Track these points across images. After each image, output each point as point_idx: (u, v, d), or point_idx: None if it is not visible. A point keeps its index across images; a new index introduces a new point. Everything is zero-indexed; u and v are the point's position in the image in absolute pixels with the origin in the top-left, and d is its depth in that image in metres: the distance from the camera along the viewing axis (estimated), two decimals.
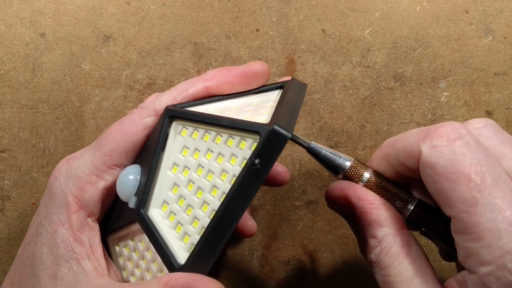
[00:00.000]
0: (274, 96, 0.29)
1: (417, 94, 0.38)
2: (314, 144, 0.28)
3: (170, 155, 0.27)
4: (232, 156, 0.24)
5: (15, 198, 0.39)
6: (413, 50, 0.37)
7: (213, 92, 0.29)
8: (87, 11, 0.38)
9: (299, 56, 0.38)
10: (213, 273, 0.40)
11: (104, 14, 0.38)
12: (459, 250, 0.22)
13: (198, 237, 0.24)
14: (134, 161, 0.29)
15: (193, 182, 0.25)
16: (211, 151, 0.25)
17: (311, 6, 0.38)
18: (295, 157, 0.39)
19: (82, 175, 0.28)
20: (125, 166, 0.28)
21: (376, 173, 0.27)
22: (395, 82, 0.38)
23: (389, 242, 0.25)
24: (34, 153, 0.38)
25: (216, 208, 0.23)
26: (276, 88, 0.30)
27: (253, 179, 0.22)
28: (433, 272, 0.25)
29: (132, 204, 0.27)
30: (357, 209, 0.26)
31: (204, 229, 0.23)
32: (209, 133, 0.25)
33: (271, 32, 0.38)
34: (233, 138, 0.24)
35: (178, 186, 0.26)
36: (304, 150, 0.39)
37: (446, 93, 0.37)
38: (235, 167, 0.24)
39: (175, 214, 0.26)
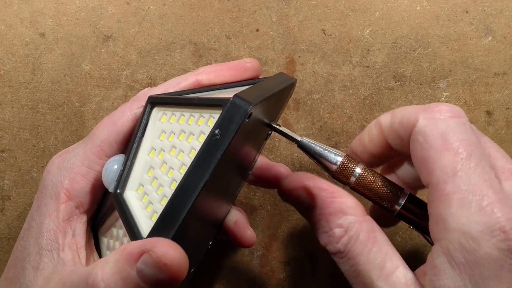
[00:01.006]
0: None
1: (417, 94, 0.38)
2: (305, 139, 0.28)
3: (149, 141, 0.27)
4: (201, 134, 0.25)
5: (15, 198, 0.39)
6: (413, 50, 0.37)
7: (205, 85, 0.29)
8: (87, 11, 0.38)
9: (299, 56, 0.38)
10: (213, 273, 0.40)
11: (104, 14, 0.38)
12: (431, 219, 0.23)
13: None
14: (122, 152, 0.29)
15: (166, 163, 0.26)
16: (184, 132, 0.26)
17: (311, 6, 0.38)
18: (295, 157, 0.39)
19: (73, 166, 0.28)
20: (112, 155, 0.28)
21: (367, 168, 0.27)
22: (395, 82, 0.38)
23: (356, 230, 0.25)
24: (34, 153, 0.38)
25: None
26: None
27: (212, 150, 0.23)
28: (399, 256, 0.25)
29: (111, 188, 0.27)
30: (319, 199, 0.26)
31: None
32: (184, 115, 0.26)
33: (271, 32, 0.38)
34: (203, 117, 0.25)
35: (153, 168, 0.26)
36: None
37: (446, 93, 0.37)
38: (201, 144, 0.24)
39: (147, 195, 0.26)
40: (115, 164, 0.27)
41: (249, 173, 0.34)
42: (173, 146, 0.26)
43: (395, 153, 0.28)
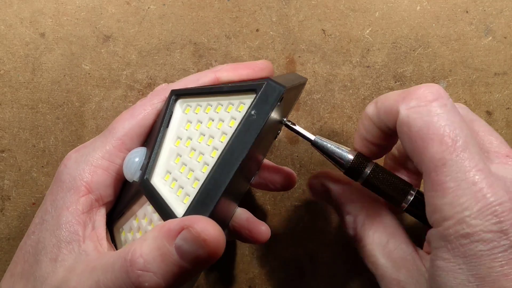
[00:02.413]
0: None
1: None
2: (318, 138, 0.29)
3: (174, 131, 0.28)
4: (231, 119, 0.25)
5: (15, 198, 0.39)
6: (413, 50, 0.37)
7: (223, 82, 0.30)
8: (87, 11, 0.38)
9: (299, 56, 0.38)
10: (213, 273, 0.40)
11: (104, 14, 0.38)
12: (427, 207, 0.24)
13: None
14: (143, 145, 0.29)
15: (195, 149, 0.26)
16: (212, 120, 0.26)
17: (311, 6, 0.38)
18: (295, 157, 0.39)
19: (93, 160, 0.28)
20: (133, 147, 0.28)
21: (378, 165, 0.28)
22: (395, 82, 0.38)
23: (361, 216, 0.28)
24: (34, 153, 0.38)
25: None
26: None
27: (249, 129, 0.24)
28: (407, 236, 0.27)
29: (136, 177, 0.27)
30: (332, 191, 0.29)
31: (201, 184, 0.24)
32: (211, 105, 0.27)
33: (271, 32, 0.38)
34: (232, 104, 0.26)
35: (180, 156, 0.27)
36: (304, 150, 0.39)
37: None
38: (233, 128, 0.25)
39: (176, 180, 0.26)
40: (136, 156, 0.27)
41: (256, 175, 0.34)
42: (201, 133, 0.27)
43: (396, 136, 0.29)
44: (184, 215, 0.23)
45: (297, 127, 0.29)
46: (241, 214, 0.33)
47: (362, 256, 0.28)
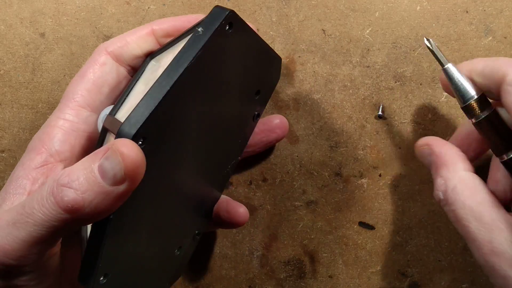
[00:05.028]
0: None
1: (417, 94, 0.38)
2: (451, 65, 0.30)
3: (143, 81, 0.30)
4: None
5: None
6: (413, 50, 0.37)
7: (159, 33, 0.31)
8: (87, 11, 0.38)
9: (299, 56, 0.38)
10: (213, 273, 0.40)
11: (104, 14, 0.38)
12: None
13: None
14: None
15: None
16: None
17: (311, 6, 0.38)
18: (295, 157, 0.39)
19: (50, 121, 0.30)
20: (90, 105, 0.30)
21: (496, 113, 0.29)
22: (395, 82, 0.38)
23: (454, 181, 0.29)
24: None
25: None
26: None
27: (195, 43, 0.26)
28: (497, 200, 0.28)
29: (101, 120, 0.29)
30: (434, 155, 0.31)
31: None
32: (174, 52, 0.28)
33: (271, 32, 0.38)
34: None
35: (143, 93, 0.28)
36: (304, 150, 0.39)
37: (447, 93, 0.37)
38: None
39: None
40: (108, 112, 0.29)
41: (241, 153, 0.35)
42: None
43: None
44: (126, 118, 0.24)
45: (434, 48, 0.30)
46: (223, 199, 0.36)
47: (451, 219, 0.29)
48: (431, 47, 0.30)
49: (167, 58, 0.29)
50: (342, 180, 0.39)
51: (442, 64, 0.30)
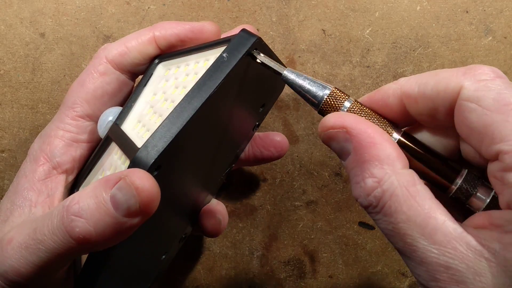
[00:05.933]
0: None
1: None
2: (289, 70, 0.25)
3: (151, 88, 0.29)
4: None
5: None
6: (413, 50, 0.37)
7: (161, 42, 0.31)
8: (87, 11, 0.38)
9: (299, 56, 0.38)
10: (213, 273, 0.40)
11: (104, 14, 0.38)
12: (505, 192, 0.20)
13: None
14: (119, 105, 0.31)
15: (167, 99, 0.27)
16: (187, 75, 0.27)
17: (311, 6, 0.38)
18: (295, 157, 0.39)
19: (50, 131, 0.30)
20: (90, 115, 0.30)
21: (358, 103, 0.24)
22: None
23: (391, 183, 0.22)
24: None
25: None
26: None
27: (218, 69, 0.24)
28: (445, 210, 0.21)
29: (103, 135, 0.28)
30: (356, 143, 0.23)
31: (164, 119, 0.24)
32: (188, 65, 0.27)
33: (271, 32, 0.38)
34: (208, 60, 0.27)
35: (152, 106, 0.27)
36: (304, 150, 0.39)
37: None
38: None
39: (145, 125, 0.27)
40: (110, 115, 0.29)
41: (235, 160, 0.35)
42: (176, 86, 0.27)
43: (410, 121, 0.25)
44: (144, 145, 0.23)
45: (262, 57, 0.26)
46: (214, 201, 0.35)
47: (386, 233, 0.22)
48: (261, 61, 0.26)
49: (180, 69, 0.29)
50: (342, 180, 0.39)
51: (278, 73, 0.25)
